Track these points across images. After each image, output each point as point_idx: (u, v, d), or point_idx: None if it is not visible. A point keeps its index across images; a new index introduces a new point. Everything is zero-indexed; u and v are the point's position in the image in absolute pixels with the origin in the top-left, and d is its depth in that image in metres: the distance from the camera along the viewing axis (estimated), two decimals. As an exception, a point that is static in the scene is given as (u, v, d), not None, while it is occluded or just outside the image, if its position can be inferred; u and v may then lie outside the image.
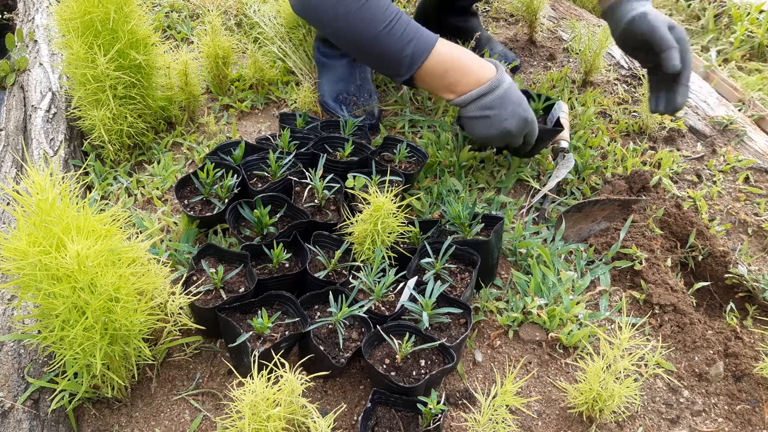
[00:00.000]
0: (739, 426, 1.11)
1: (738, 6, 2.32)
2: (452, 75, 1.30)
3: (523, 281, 1.31)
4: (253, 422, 0.87)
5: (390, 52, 1.27)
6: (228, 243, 1.35)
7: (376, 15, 1.26)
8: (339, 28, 1.29)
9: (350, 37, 1.29)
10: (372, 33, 1.26)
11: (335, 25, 1.28)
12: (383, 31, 1.25)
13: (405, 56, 1.27)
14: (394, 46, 1.26)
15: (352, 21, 1.26)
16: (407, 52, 1.27)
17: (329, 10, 1.27)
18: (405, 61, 1.28)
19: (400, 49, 1.27)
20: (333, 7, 1.26)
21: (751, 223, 1.48)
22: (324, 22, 1.30)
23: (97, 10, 1.35)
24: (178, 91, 1.66)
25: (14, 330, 1.13)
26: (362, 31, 1.27)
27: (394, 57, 1.28)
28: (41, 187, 0.88)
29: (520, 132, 1.36)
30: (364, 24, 1.26)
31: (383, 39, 1.26)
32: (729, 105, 1.84)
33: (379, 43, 1.27)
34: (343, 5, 1.25)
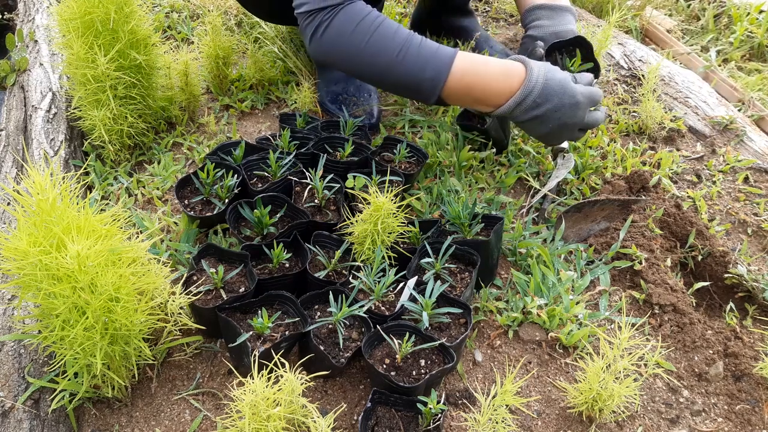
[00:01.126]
0: (738, 426, 1.11)
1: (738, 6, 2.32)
2: (478, 90, 1.28)
3: (523, 281, 1.31)
4: (253, 422, 0.87)
5: (409, 80, 1.26)
6: (228, 243, 1.35)
7: (385, 46, 1.25)
8: (355, 66, 1.30)
9: (368, 71, 1.30)
10: (385, 65, 1.26)
11: (351, 63, 1.30)
12: (396, 60, 1.24)
13: (425, 81, 1.26)
14: (412, 74, 1.25)
15: (365, 57, 1.26)
16: (426, 76, 1.25)
17: (342, 52, 1.29)
18: (426, 85, 1.26)
19: (419, 75, 1.25)
20: (344, 48, 1.28)
21: (751, 223, 1.49)
22: (340, 63, 1.32)
23: (97, 10, 1.35)
24: (179, 91, 1.66)
25: (14, 330, 1.13)
26: (376, 65, 1.27)
27: (414, 84, 1.27)
28: (42, 187, 0.88)
29: (580, 114, 1.29)
30: (375, 58, 1.26)
31: (398, 68, 1.26)
32: (729, 105, 1.84)
33: (396, 73, 1.26)
34: (353, 44, 1.26)
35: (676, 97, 1.86)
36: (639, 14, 2.31)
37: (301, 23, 1.32)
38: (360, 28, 1.26)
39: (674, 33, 2.27)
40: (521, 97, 1.26)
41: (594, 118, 1.33)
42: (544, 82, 1.25)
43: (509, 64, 1.29)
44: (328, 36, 1.28)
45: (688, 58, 2.08)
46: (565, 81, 1.27)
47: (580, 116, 1.30)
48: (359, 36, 1.26)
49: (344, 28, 1.26)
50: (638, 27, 2.28)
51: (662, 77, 1.92)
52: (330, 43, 1.29)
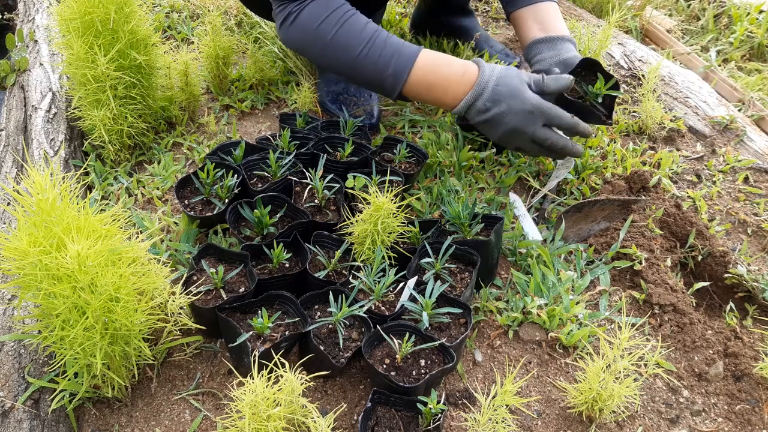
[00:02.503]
0: (738, 426, 1.11)
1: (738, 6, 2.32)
2: (438, 88, 1.30)
3: (523, 281, 1.31)
4: (253, 422, 0.87)
5: (372, 75, 1.29)
6: (228, 243, 1.35)
7: (350, 41, 1.28)
8: (321, 58, 1.35)
9: (334, 64, 1.33)
10: (350, 59, 1.29)
11: (317, 55, 1.34)
12: (360, 54, 1.27)
13: (387, 77, 1.28)
14: (374, 69, 1.28)
15: (331, 50, 1.29)
16: (388, 72, 1.28)
17: (307, 45, 1.33)
18: (388, 81, 1.29)
19: (381, 71, 1.28)
20: (310, 41, 1.31)
21: (751, 223, 1.49)
22: (307, 54, 1.37)
23: (97, 10, 1.35)
24: (179, 91, 1.66)
25: (14, 330, 1.13)
26: (341, 59, 1.30)
27: (377, 79, 1.29)
28: (42, 187, 0.88)
29: (530, 124, 1.28)
30: (340, 52, 1.29)
31: (361, 63, 1.28)
32: (729, 105, 1.84)
33: (359, 68, 1.29)
34: (318, 38, 1.29)
35: (676, 97, 1.86)
36: (639, 14, 2.31)
37: (274, 10, 1.35)
38: (326, 22, 1.28)
39: (674, 33, 2.27)
40: (472, 99, 1.28)
41: (550, 138, 1.30)
42: (494, 85, 1.28)
43: (467, 65, 1.31)
44: (294, 28, 1.31)
45: (688, 58, 2.08)
46: (518, 87, 1.28)
47: (531, 127, 1.29)
48: (324, 30, 1.28)
49: (311, 21, 1.29)
50: (638, 27, 2.28)
51: (662, 77, 1.92)
52: (296, 34, 1.32)
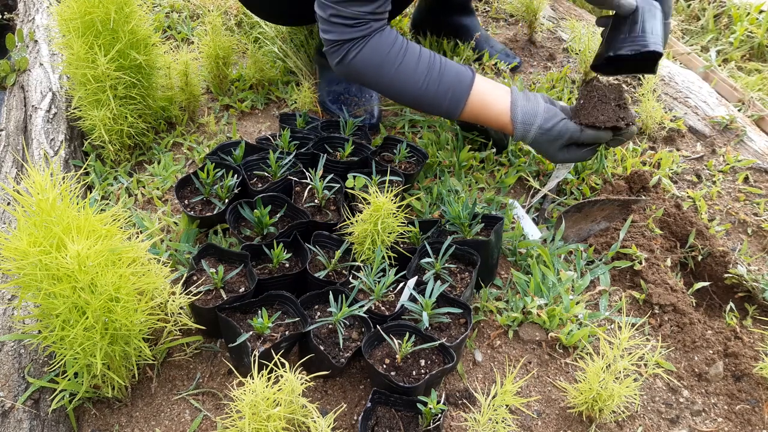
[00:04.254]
0: (738, 426, 1.11)
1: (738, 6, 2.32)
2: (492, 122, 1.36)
3: (523, 281, 1.31)
4: (253, 422, 0.87)
5: (431, 106, 1.36)
6: (228, 243, 1.35)
7: (409, 77, 1.33)
8: (381, 90, 1.39)
9: (393, 94, 1.38)
10: (412, 92, 1.34)
11: (377, 87, 1.38)
12: (421, 88, 1.33)
13: (444, 106, 1.35)
14: (434, 101, 1.35)
15: (397, 81, 1.33)
16: (445, 103, 1.34)
17: (368, 79, 1.36)
18: (444, 108, 1.35)
19: (439, 103, 1.35)
20: (371, 77, 1.35)
21: (751, 223, 1.49)
22: (375, 86, 1.39)
23: (97, 10, 1.35)
24: (179, 91, 1.66)
25: (14, 330, 1.13)
26: (403, 92, 1.35)
27: (436, 109, 1.37)
28: (42, 187, 0.88)
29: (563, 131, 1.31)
30: (401, 87, 1.34)
31: (423, 96, 1.34)
32: (729, 105, 1.84)
33: (420, 100, 1.36)
34: (380, 75, 1.33)
35: (676, 97, 1.86)
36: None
37: (327, 48, 1.36)
38: (387, 60, 1.32)
39: (674, 33, 2.27)
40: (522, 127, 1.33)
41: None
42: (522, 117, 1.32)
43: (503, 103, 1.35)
44: (355, 65, 1.33)
45: (688, 58, 2.08)
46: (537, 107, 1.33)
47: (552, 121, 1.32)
48: (386, 68, 1.32)
49: (372, 60, 1.32)
50: (638, 27, 2.28)
51: (662, 77, 1.92)
52: (356, 71, 1.35)
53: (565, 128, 1.31)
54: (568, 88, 1.88)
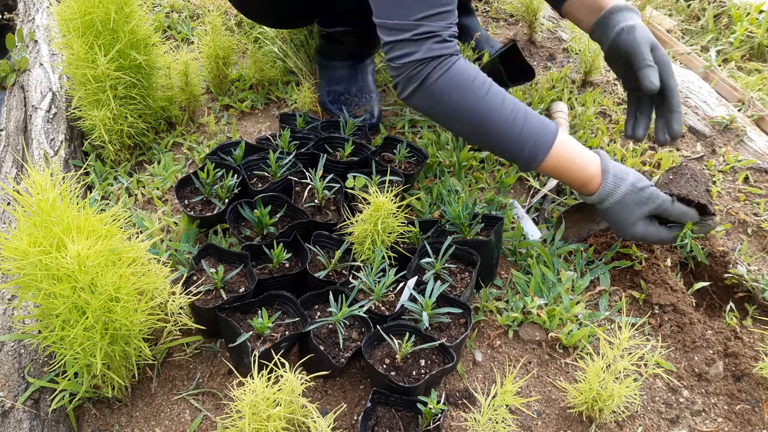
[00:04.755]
0: (738, 426, 1.11)
1: (738, 6, 2.32)
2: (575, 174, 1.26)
3: (523, 281, 1.31)
4: (253, 422, 0.87)
5: (512, 146, 1.24)
6: (228, 243, 1.35)
7: (494, 112, 1.22)
8: (461, 117, 1.25)
9: (473, 126, 1.25)
10: (495, 128, 1.22)
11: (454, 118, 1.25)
12: (506, 124, 1.21)
13: (526, 150, 1.23)
14: (517, 142, 1.23)
15: (476, 114, 1.22)
16: (528, 147, 1.22)
17: (448, 106, 1.23)
18: (526, 152, 1.23)
19: (522, 146, 1.23)
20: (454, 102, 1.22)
21: (751, 223, 1.49)
22: (440, 115, 1.27)
23: (97, 10, 1.35)
24: (179, 91, 1.66)
25: (14, 330, 1.13)
26: (485, 125, 1.23)
27: (517, 151, 1.24)
28: (42, 187, 0.88)
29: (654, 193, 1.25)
30: (483, 121, 1.22)
31: (506, 134, 1.22)
32: (729, 105, 1.84)
33: (502, 137, 1.23)
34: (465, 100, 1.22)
35: (676, 97, 1.86)
36: (639, 14, 2.31)
37: (405, 72, 1.22)
38: (474, 86, 1.21)
39: (674, 33, 2.27)
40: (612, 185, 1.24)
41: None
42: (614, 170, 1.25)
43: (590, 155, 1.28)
44: (439, 86, 1.20)
45: (688, 58, 2.08)
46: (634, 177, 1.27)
47: (656, 194, 1.25)
48: (473, 94, 1.21)
49: (459, 81, 1.21)
50: (638, 27, 2.28)
51: (662, 77, 1.92)
52: (440, 93, 1.21)
53: (656, 194, 1.23)
54: (568, 88, 1.88)
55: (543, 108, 1.78)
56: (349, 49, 1.71)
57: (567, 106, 1.77)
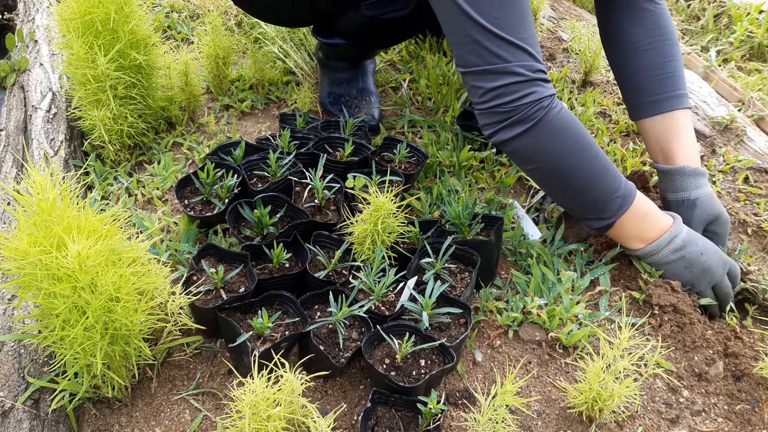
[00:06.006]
0: (738, 426, 1.11)
1: (738, 6, 2.32)
2: (649, 220, 1.24)
3: (523, 281, 1.31)
4: (253, 422, 0.87)
5: (604, 193, 1.20)
6: (228, 243, 1.35)
7: (597, 153, 1.19)
8: (560, 169, 1.20)
9: (571, 176, 1.20)
10: (593, 171, 1.19)
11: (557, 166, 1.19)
12: (602, 170, 1.19)
13: (617, 197, 1.20)
14: (610, 186, 1.20)
15: (576, 160, 1.18)
16: (620, 192, 1.20)
17: (555, 151, 1.18)
18: (616, 202, 1.20)
19: (614, 190, 1.20)
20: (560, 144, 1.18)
21: (751, 223, 1.49)
22: (546, 163, 1.20)
23: (97, 10, 1.35)
24: (179, 91, 1.66)
25: (14, 330, 1.13)
26: (582, 172, 1.19)
27: (606, 198, 1.20)
28: (42, 187, 0.88)
29: (720, 268, 1.26)
30: (585, 163, 1.18)
31: (601, 178, 1.19)
32: (729, 105, 1.84)
33: (597, 182, 1.20)
34: (573, 140, 1.18)
35: (676, 97, 1.86)
36: (639, 14, 2.31)
37: (517, 114, 1.15)
38: (580, 127, 1.18)
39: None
40: (675, 232, 1.24)
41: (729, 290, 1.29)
42: (687, 230, 1.26)
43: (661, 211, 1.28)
44: (551, 126, 1.16)
45: (688, 58, 2.08)
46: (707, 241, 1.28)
47: (720, 270, 1.26)
48: (578, 136, 1.18)
49: (568, 122, 1.17)
50: (638, 27, 2.28)
51: (662, 77, 1.92)
52: (550, 133, 1.16)
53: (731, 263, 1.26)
54: (568, 88, 1.88)
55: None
56: (348, 54, 1.72)
57: (567, 106, 1.77)
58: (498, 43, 1.12)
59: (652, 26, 1.39)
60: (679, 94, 1.38)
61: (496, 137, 1.20)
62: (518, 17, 1.13)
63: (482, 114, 1.20)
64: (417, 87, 1.87)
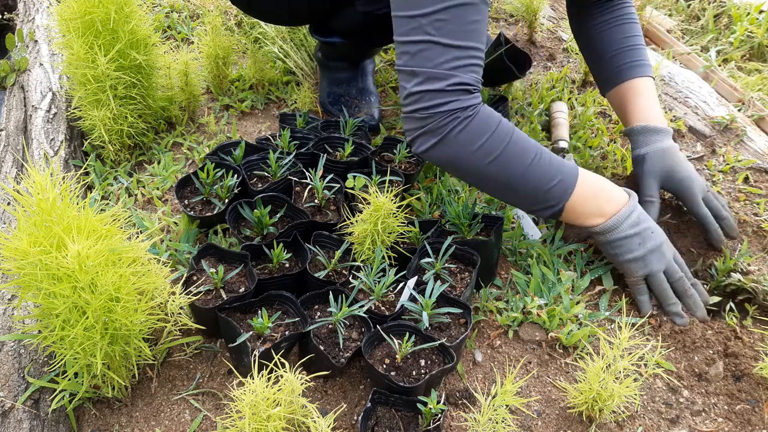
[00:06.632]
0: (738, 426, 1.11)
1: (738, 6, 2.32)
2: (602, 196, 1.23)
3: (523, 281, 1.31)
4: (253, 422, 0.87)
5: (541, 184, 1.20)
6: (228, 243, 1.35)
7: (519, 152, 1.18)
8: (480, 172, 1.19)
9: (494, 178, 1.20)
10: (522, 168, 1.18)
11: (478, 168, 1.19)
12: (532, 163, 1.18)
13: (556, 184, 1.20)
14: (545, 176, 1.19)
15: (497, 163, 1.17)
16: (557, 179, 1.19)
17: (473, 156, 1.17)
18: (557, 189, 1.20)
19: (551, 178, 1.19)
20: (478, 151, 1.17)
21: (751, 223, 1.48)
22: (464, 166, 1.20)
23: (97, 10, 1.35)
24: (179, 91, 1.66)
25: (14, 330, 1.13)
26: (507, 172, 1.18)
27: (545, 187, 1.20)
28: (42, 187, 0.88)
29: (668, 248, 1.26)
30: (508, 165, 1.18)
31: (533, 172, 1.18)
32: (729, 105, 1.84)
33: (530, 177, 1.19)
34: (491, 147, 1.16)
35: (676, 97, 1.86)
36: (639, 14, 2.31)
37: (429, 123, 1.15)
38: (499, 131, 1.17)
39: (674, 33, 2.27)
40: (633, 206, 1.24)
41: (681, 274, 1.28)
42: (641, 209, 1.26)
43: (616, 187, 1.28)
44: (464, 137, 1.15)
45: (688, 58, 2.08)
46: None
47: (669, 251, 1.26)
48: (498, 139, 1.16)
49: (484, 129, 1.16)
50: (638, 27, 2.28)
51: (662, 77, 1.92)
52: (464, 144, 1.16)
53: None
54: (568, 88, 1.88)
55: (543, 108, 1.78)
56: (347, 53, 1.72)
57: (567, 106, 1.77)
58: (432, 47, 1.11)
59: (616, 9, 1.50)
60: (636, 64, 1.46)
61: (414, 146, 1.19)
62: (464, 26, 1.11)
63: (404, 118, 1.19)
64: (417, 87, 1.87)
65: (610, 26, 1.49)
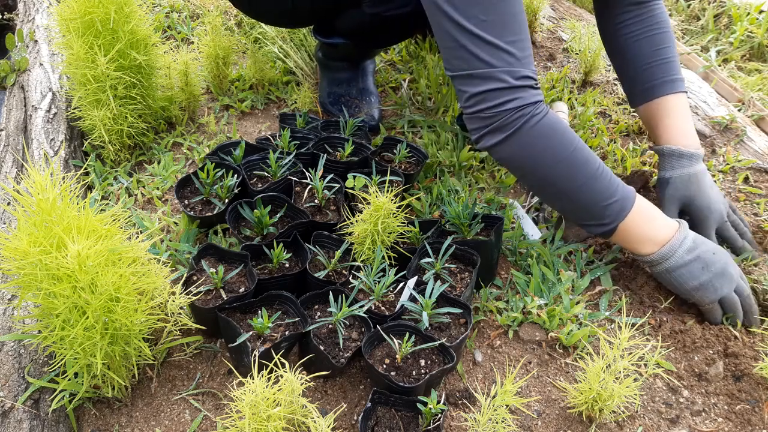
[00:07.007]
0: (738, 426, 1.11)
1: (738, 6, 2.32)
2: (655, 224, 1.20)
3: (523, 281, 1.31)
4: (253, 422, 0.87)
5: (599, 198, 1.17)
6: (228, 243, 1.35)
7: (586, 158, 1.16)
8: (548, 176, 1.18)
9: (561, 183, 1.18)
10: (584, 178, 1.16)
11: (545, 168, 1.17)
12: (595, 175, 1.16)
13: (615, 201, 1.17)
14: (605, 192, 1.17)
15: (565, 165, 1.16)
16: (615, 198, 1.17)
17: (542, 154, 1.16)
18: (614, 207, 1.17)
19: (610, 195, 1.17)
20: (549, 150, 1.16)
21: (751, 223, 1.48)
22: (533, 169, 1.19)
23: (97, 10, 1.35)
24: (179, 91, 1.66)
25: (14, 330, 1.13)
26: (571, 178, 1.17)
27: (602, 203, 1.17)
28: (42, 187, 0.88)
29: (733, 264, 1.23)
30: (575, 168, 1.16)
31: (594, 184, 1.17)
32: (729, 105, 1.84)
33: (590, 188, 1.17)
34: (561, 146, 1.16)
35: (676, 97, 1.86)
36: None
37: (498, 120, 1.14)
38: (568, 134, 1.16)
39: (674, 33, 2.27)
40: (682, 236, 1.20)
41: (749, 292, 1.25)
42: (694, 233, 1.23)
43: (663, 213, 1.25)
44: (533, 134, 1.14)
45: (688, 58, 2.08)
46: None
47: (736, 273, 1.23)
48: (566, 142, 1.15)
49: (553, 129, 1.15)
50: (638, 27, 2.28)
51: (662, 77, 1.92)
52: (532, 142, 1.15)
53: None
54: (568, 88, 1.88)
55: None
56: (348, 54, 1.72)
57: (567, 106, 1.77)
58: (483, 46, 1.11)
59: (646, 17, 1.43)
60: (671, 80, 1.41)
61: (481, 143, 1.19)
62: (507, 20, 1.11)
63: (468, 119, 1.19)
64: (417, 87, 1.87)
65: (640, 37, 1.42)
